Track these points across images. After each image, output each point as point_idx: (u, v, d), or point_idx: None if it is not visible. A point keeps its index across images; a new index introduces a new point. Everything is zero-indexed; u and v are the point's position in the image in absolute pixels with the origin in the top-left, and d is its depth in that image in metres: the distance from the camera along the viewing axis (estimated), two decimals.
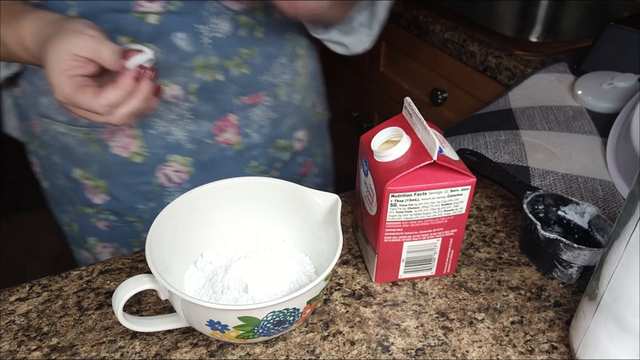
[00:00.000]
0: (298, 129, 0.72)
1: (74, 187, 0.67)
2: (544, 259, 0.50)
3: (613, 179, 0.60)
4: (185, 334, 0.45)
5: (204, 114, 0.61)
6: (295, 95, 0.69)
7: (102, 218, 0.68)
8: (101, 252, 0.72)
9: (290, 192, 0.48)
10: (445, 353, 0.43)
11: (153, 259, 0.40)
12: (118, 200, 0.66)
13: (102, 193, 0.66)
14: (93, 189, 0.66)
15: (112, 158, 0.63)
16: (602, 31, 0.80)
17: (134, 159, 0.63)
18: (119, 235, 0.70)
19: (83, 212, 0.69)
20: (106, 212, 0.67)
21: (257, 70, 0.63)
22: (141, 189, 0.65)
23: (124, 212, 0.67)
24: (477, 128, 0.70)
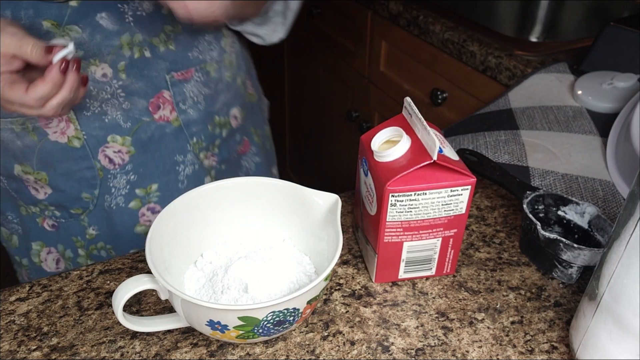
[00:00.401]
0: (232, 106, 0.73)
1: (16, 186, 0.66)
2: (544, 259, 0.50)
3: (613, 179, 0.60)
4: (185, 334, 0.45)
5: (137, 91, 0.62)
6: (226, 72, 0.71)
7: (48, 215, 0.67)
8: (45, 258, 0.70)
9: (290, 192, 0.48)
10: (445, 353, 0.43)
11: (153, 259, 0.40)
12: (61, 191, 0.65)
13: (44, 186, 0.64)
14: (35, 184, 0.65)
15: (51, 146, 0.62)
16: (602, 31, 0.80)
17: (72, 144, 0.62)
18: (63, 235, 0.68)
19: (28, 214, 0.67)
20: (51, 207, 0.66)
21: (184, 47, 0.64)
22: (84, 175, 0.64)
23: (68, 204, 0.66)
24: (477, 128, 0.70)
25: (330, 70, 1.47)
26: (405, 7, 1.09)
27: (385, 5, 1.13)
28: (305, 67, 1.60)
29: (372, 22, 1.22)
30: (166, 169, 0.67)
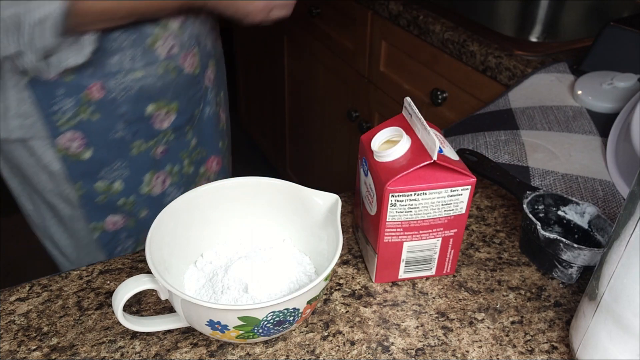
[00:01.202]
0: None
1: (138, 127, 0.76)
2: (544, 259, 0.50)
3: (613, 179, 0.60)
4: (185, 334, 0.45)
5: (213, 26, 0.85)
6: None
7: (163, 142, 0.80)
8: (154, 185, 0.82)
9: (290, 192, 0.48)
10: (445, 353, 0.43)
11: (153, 259, 0.40)
12: (184, 114, 0.81)
13: (172, 115, 0.79)
14: (164, 115, 0.78)
15: (183, 79, 0.78)
16: (602, 31, 0.80)
17: (195, 72, 0.80)
18: (171, 155, 0.82)
19: (141, 151, 0.78)
20: (169, 133, 0.80)
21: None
22: (196, 96, 0.82)
23: (184, 124, 0.82)
24: (477, 128, 0.70)
25: (330, 70, 1.47)
26: (405, 7, 1.09)
27: (385, 5, 1.13)
28: (305, 67, 1.60)
29: (372, 22, 1.22)
30: (224, 79, 0.92)
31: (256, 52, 1.91)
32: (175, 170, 0.84)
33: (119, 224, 0.82)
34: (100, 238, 0.82)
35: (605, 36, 0.79)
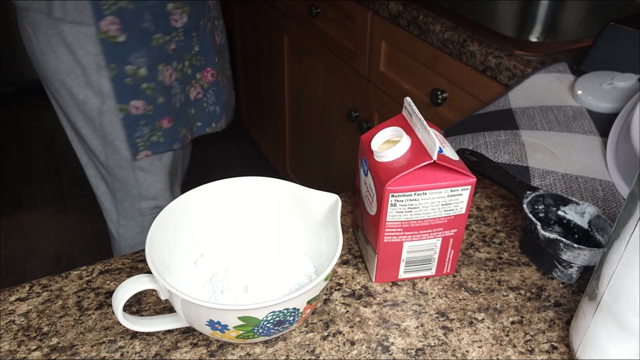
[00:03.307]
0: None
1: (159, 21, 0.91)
2: (544, 259, 0.50)
3: (613, 179, 0.60)
4: (185, 334, 0.45)
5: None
6: None
7: (175, 40, 0.95)
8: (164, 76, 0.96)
9: (290, 192, 0.48)
10: (445, 353, 0.43)
11: (153, 259, 0.40)
12: (193, 18, 0.95)
13: (184, 16, 0.94)
14: (180, 15, 0.93)
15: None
16: (602, 31, 0.80)
17: None
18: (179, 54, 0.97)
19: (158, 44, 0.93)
20: (180, 32, 0.95)
21: None
22: (202, 8, 0.96)
23: (192, 29, 0.96)
24: (477, 128, 0.70)
25: (330, 70, 1.47)
26: (405, 7, 1.09)
27: (385, 5, 1.13)
28: (305, 67, 1.60)
29: (372, 22, 1.22)
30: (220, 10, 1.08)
31: (256, 52, 1.91)
32: (179, 67, 0.98)
33: (140, 109, 0.97)
34: (124, 120, 0.97)
35: (605, 36, 0.79)
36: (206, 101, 1.08)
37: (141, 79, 0.94)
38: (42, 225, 1.98)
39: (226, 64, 1.16)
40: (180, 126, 1.04)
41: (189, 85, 1.02)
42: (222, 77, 1.12)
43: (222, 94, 1.10)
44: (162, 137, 1.02)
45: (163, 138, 1.03)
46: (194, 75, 1.02)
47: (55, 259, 1.82)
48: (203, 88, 1.06)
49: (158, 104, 0.98)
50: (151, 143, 1.02)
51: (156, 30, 0.91)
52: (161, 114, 0.99)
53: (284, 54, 1.69)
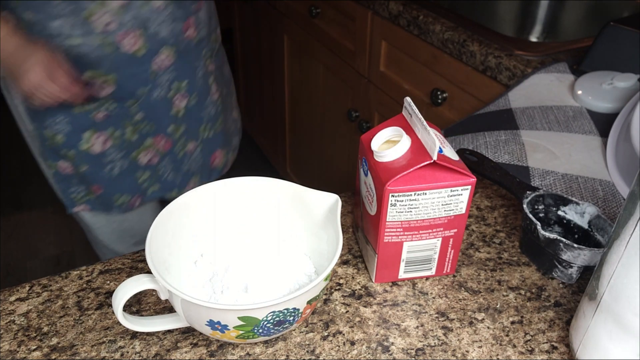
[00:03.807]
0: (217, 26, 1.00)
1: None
2: (544, 259, 0.50)
3: (613, 179, 0.60)
4: (185, 334, 0.45)
5: (178, 17, 0.86)
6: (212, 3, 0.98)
7: (103, 109, 0.88)
8: (94, 143, 0.90)
9: (290, 192, 0.48)
10: (445, 353, 0.43)
11: (153, 259, 0.40)
12: (123, 88, 0.86)
13: (110, 85, 0.86)
14: (102, 84, 0.85)
15: (121, 56, 0.83)
16: (602, 31, 0.80)
17: (137, 54, 0.84)
18: (114, 120, 0.90)
19: (82, 111, 0.87)
20: (110, 101, 0.87)
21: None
22: (142, 77, 0.87)
23: (126, 97, 0.88)
24: (477, 128, 0.70)
25: (330, 70, 1.47)
26: (405, 7, 1.09)
27: (385, 5, 1.13)
28: (305, 67, 1.60)
29: (372, 22, 1.22)
30: (191, 70, 0.93)
31: (256, 52, 1.91)
32: (117, 134, 0.91)
33: (68, 170, 0.93)
34: (55, 175, 0.94)
35: (605, 36, 0.79)
36: (162, 168, 0.98)
37: (59, 145, 0.89)
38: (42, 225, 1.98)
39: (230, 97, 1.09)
40: (116, 193, 0.96)
41: (137, 150, 0.94)
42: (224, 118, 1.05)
43: (182, 164, 1.00)
44: (98, 200, 0.96)
45: (99, 201, 0.97)
46: (143, 141, 0.93)
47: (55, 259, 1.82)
48: (159, 152, 0.96)
49: (81, 171, 0.92)
50: (88, 200, 0.96)
51: None
52: (89, 180, 0.93)
53: (284, 54, 1.69)
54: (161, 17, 0.84)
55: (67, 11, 0.78)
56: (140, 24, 0.83)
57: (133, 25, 0.82)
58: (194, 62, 0.93)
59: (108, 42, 0.82)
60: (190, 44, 0.91)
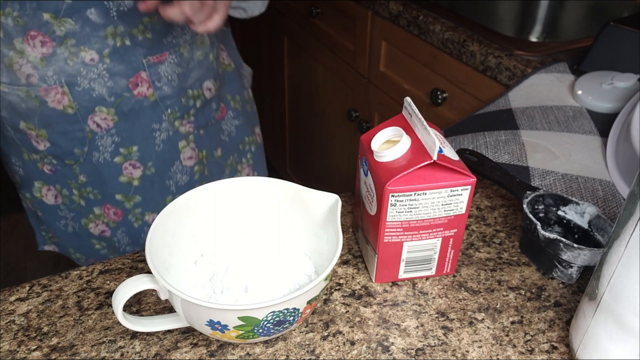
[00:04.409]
0: (205, 79, 0.83)
1: (21, 137, 0.78)
2: (544, 259, 0.50)
3: (613, 179, 0.60)
4: (185, 334, 0.45)
5: (119, 72, 0.74)
6: (197, 51, 0.81)
7: (47, 162, 0.79)
8: (46, 194, 0.83)
9: (290, 192, 0.48)
10: (445, 353, 0.43)
11: (153, 259, 0.40)
12: (57, 146, 0.77)
13: (44, 140, 0.77)
14: (36, 137, 0.77)
15: (49, 111, 0.74)
16: (602, 31, 0.80)
17: (67, 111, 0.74)
18: (60, 177, 0.81)
19: (30, 159, 0.80)
20: (49, 156, 0.78)
21: (160, 34, 0.75)
22: (76, 135, 0.76)
23: (63, 156, 0.78)
24: (477, 128, 0.70)
25: (330, 70, 1.47)
26: (405, 7, 1.09)
27: (385, 5, 1.13)
28: (305, 67, 1.60)
29: (372, 22, 1.22)
30: (144, 134, 0.79)
31: (256, 52, 1.91)
32: (65, 193, 0.82)
33: (32, 209, 0.88)
34: (27, 210, 0.91)
35: (605, 36, 0.79)
36: (117, 241, 0.86)
37: (19, 185, 0.85)
38: None
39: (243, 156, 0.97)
40: (70, 247, 0.88)
41: (85, 218, 0.83)
42: None
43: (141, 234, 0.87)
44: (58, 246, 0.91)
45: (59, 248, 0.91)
46: (91, 209, 0.82)
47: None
48: (109, 224, 0.84)
49: (39, 215, 0.86)
50: (55, 243, 0.90)
51: (21, 144, 0.78)
52: (46, 226, 0.87)
53: (284, 54, 1.69)
54: (93, 73, 0.72)
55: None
56: (66, 79, 0.71)
57: (56, 81, 0.71)
58: (149, 124, 0.78)
59: (33, 95, 0.72)
60: (141, 103, 0.76)
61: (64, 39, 0.69)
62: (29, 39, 0.68)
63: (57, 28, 0.69)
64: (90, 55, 0.71)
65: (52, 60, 0.70)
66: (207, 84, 0.84)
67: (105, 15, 0.70)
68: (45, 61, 0.70)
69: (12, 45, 0.69)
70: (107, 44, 0.71)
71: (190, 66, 0.80)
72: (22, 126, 0.76)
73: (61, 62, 0.70)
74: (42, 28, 0.68)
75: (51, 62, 0.70)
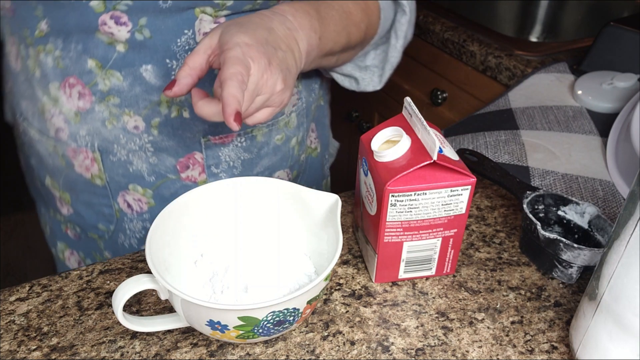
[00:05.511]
0: (278, 169, 0.68)
1: (46, 192, 0.68)
2: (544, 259, 0.50)
3: (613, 179, 0.60)
4: (185, 334, 0.45)
5: (167, 148, 0.60)
6: (277, 135, 0.65)
7: (70, 227, 0.69)
8: (69, 258, 0.73)
9: (290, 192, 0.48)
10: (445, 353, 0.43)
11: (153, 259, 0.40)
12: (80, 216, 0.66)
13: (67, 205, 0.66)
14: (60, 200, 0.67)
15: (75, 176, 0.62)
16: (602, 31, 0.80)
17: (95, 181, 0.62)
18: (84, 245, 0.70)
19: (55, 217, 0.70)
20: (72, 223, 0.68)
21: None
22: (102, 210, 0.64)
23: (86, 228, 0.67)
24: (477, 128, 0.70)
25: None
26: None
27: None
28: None
29: None
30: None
31: None
32: (89, 262, 0.72)
33: None
34: None
35: (605, 36, 0.79)
36: None
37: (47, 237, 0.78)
38: None
39: None
40: None
41: None
42: None
43: None
44: None
45: None
46: None
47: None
48: None
49: None
50: None
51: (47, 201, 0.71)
52: None
53: None
54: (135, 143, 0.59)
55: (28, 92, 0.60)
56: (100, 144, 0.59)
57: (87, 143, 0.59)
58: None
59: (60, 153, 0.61)
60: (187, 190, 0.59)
61: (107, 96, 0.56)
62: (67, 86, 0.57)
63: (100, 80, 0.56)
64: (135, 121, 0.58)
65: (87, 117, 0.58)
66: (279, 174, 0.68)
67: (164, 75, 0.55)
68: (80, 117, 0.58)
69: (47, 90, 0.58)
70: (159, 111, 0.57)
71: (262, 152, 0.64)
72: (48, 182, 0.66)
73: (97, 123, 0.58)
74: (83, 76, 0.56)
75: (86, 119, 0.58)
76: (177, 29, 0.54)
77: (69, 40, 0.55)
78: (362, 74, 0.69)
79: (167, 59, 0.55)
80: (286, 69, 0.48)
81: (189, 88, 0.45)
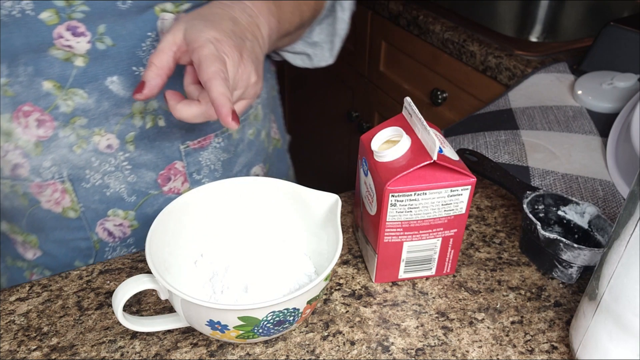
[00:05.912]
0: (254, 164, 0.67)
1: (3, 240, 0.62)
2: (544, 259, 0.50)
3: (613, 179, 0.60)
4: (185, 334, 0.45)
5: (146, 163, 0.56)
6: (249, 130, 0.64)
7: (36, 272, 0.63)
8: None
9: (290, 192, 0.48)
10: (445, 353, 0.43)
11: (153, 259, 0.40)
12: (52, 256, 0.60)
13: (33, 248, 0.60)
14: (23, 244, 0.60)
15: (43, 213, 0.56)
16: (602, 31, 0.80)
17: (67, 214, 0.56)
18: None
19: (14, 265, 0.63)
20: (41, 267, 0.62)
21: None
22: (78, 245, 0.59)
23: (58, 269, 0.61)
24: (477, 128, 0.70)
25: (330, 70, 1.47)
26: (405, 7, 1.09)
27: (385, 5, 1.13)
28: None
29: (372, 22, 1.22)
30: None
31: None
32: None
33: None
34: None
35: (605, 36, 0.79)
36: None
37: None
38: None
39: None
40: None
41: None
42: None
43: None
44: None
45: None
46: None
47: None
48: None
49: None
50: None
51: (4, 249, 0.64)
52: None
53: None
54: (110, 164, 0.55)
55: None
56: (69, 172, 0.54)
57: (55, 175, 0.54)
58: None
59: (20, 192, 0.55)
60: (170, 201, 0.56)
61: (71, 118, 0.51)
62: (21, 115, 0.51)
63: (61, 102, 0.51)
64: (107, 140, 0.53)
65: (50, 146, 0.52)
66: (255, 169, 0.68)
67: (133, 84, 0.52)
68: (42, 147, 0.52)
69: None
70: (133, 124, 0.54)
71: (239, 150, 0.64)
72: (5, 228, 0.59)
73: (64, 149, 0.53)
74: (40, 101, 0.50)
75: (49, 148, 0.52)
76: (140, 33, 0.50)
77: (15, 63, 0.48)
78: (313, 50, 0.68)
79: (134, 66, 0.51)
80: (256, 59, 0.46)
81: (159, 89, 0.43)
